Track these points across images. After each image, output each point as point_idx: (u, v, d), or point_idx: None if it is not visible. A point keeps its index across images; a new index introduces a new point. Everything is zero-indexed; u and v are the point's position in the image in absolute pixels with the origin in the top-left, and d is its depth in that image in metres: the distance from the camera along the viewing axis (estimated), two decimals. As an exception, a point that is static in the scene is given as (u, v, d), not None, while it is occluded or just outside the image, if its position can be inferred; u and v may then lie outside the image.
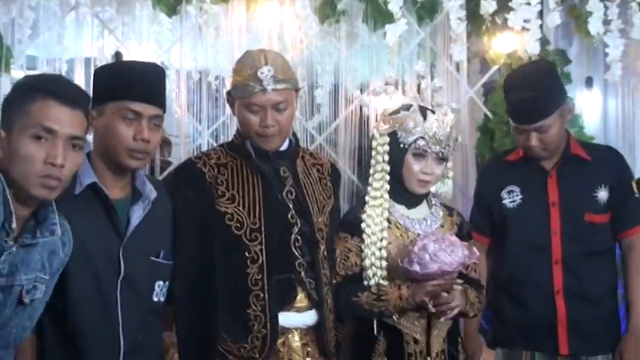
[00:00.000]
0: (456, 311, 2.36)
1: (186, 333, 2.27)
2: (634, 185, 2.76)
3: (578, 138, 3.41)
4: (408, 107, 2.47)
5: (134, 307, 2.12)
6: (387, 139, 2.47)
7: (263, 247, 2.26)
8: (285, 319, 2.29)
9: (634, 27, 3.29)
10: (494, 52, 3.58)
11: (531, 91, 2.62)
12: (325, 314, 2.34)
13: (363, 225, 2.43)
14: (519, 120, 2.64)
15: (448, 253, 2.32)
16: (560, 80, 2.77)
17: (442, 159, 2.47)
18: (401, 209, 2.49)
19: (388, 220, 2.45)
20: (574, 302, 2.68)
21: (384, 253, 2.40)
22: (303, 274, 2.30)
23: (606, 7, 3.27)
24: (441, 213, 2.55)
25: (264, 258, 2.25)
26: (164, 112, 2.20)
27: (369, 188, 2.50)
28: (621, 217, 2.73)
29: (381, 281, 2.39)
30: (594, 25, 3.26)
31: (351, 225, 2.47)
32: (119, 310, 2.09)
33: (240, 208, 2.27)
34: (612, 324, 2.75)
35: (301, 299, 2.31)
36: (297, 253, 2.30)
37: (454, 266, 2.33)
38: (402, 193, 2.48)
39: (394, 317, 2.40)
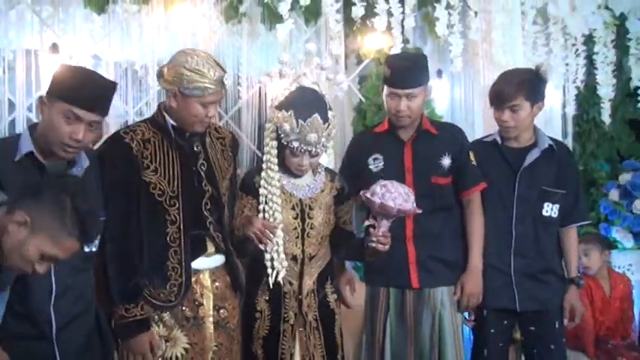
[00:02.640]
0: (384, 248, 2.40)
1: (115, 279, 2.23)
2: (471, 155, 2.83)
3: (430, 117, 3.60)
4: (288, 108, 2.39)
5: None
6: (274, 128, 2.43)
7: (180, 210, 2.28)
8: (198, 263, 2.34)
9: (471, 29, 3.38)
10: (366, 49, 3.68)
11: (411, 62, 2.69)
12: (231, 258, 2.42)
13: (260, 189, 2.43)
14: (397, 84, 2.64)
15: (404, 198, 2.35)
16: (427, 67, 2.84)
17: (316, 155, 2.43)
18: (289, 178, 2.50)
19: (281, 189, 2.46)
20: (421, 246, 2.73)
21: (278, 207, 2.42)
22: (211, 229, 2.35)
23: (450, 14, 3.33)
24: (324, 179, 2.55)
25: (181, 220, 2.28)
26: (105, 116, 2.13)
27: (264, 159, 2.47)
28: (461, 180, 2.78)
29: (279, 232, 2.39)
30: (441, 28, 3.30)
31: (247, 185, 2.49)
32: None
33: (162, 179, 2.28)
34: (453, 263, 2.79)
35: (210, 247, 2.37)
36: (206, 214, 2.34)
37: (405, 208, 2.34)
38: (289, 170, 2.49)
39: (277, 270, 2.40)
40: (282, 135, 2.40)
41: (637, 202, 3.86)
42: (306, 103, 2.39)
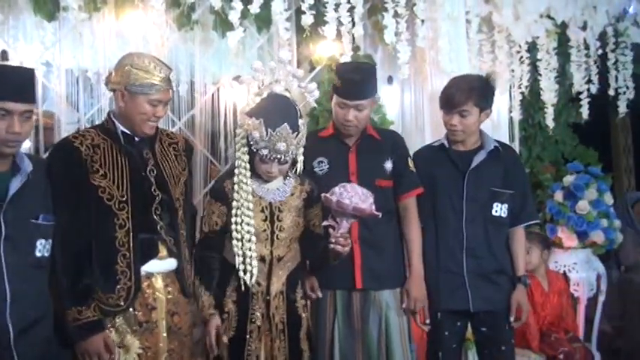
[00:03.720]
0: (344, 250, 2.43)
1: (65, 282, 2.22)
2: (409, 161, 2.90)
3: (381, 122, 3.64)
4: (258, 115, 2.41)
5: (17, 262, 2.09)
6: (245, 134, 2.46)
7: (129, 215, 2.29)
8: (150, 266, 2.35)
9: (418, 37, 3.43)
10: (318, 56, 3.68)
11: (361, 75, 2.75)
12: (183, 263, 2.42)
13: (234, 194, 2.45)
14: (347, 96, 2.70)
15: (361, 199, 2.38)
16: (376, 78, 2.91)
17: (285, 162, 2.46)
18: (260, 182, 2.53)
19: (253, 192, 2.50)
20: (366, 249, 2.76)
21: (250, 213, 2.45)
22: (163, 233, 2.35)
23: (397, 22, 3.34)
24: (293, 182, 2.58)
25: (130, 224, 2.29)
26: (34, 104, 2.15)
27: (236, 165, 2.48)
28: (399, 185, 2.84)
29: (251, 237, 2.42)
30: (389, 36, 3.32)
31: (217, 191, 2.52)
32: (3, 265, 2.07)
33: (111, 183, 2.29)
34: (396, 267, 2.85)
35: (162, 252, 2.37)
36: (157, 219, 2.34)
37: (361, 207, 2.38)
38: (259, 176, 2.52)
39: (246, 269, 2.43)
40: (251, 142, 2.42)
41: (580, 202, 3.94)
42: (277, 111, 2.41)
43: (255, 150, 2.43)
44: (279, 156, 2.41)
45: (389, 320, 2.76)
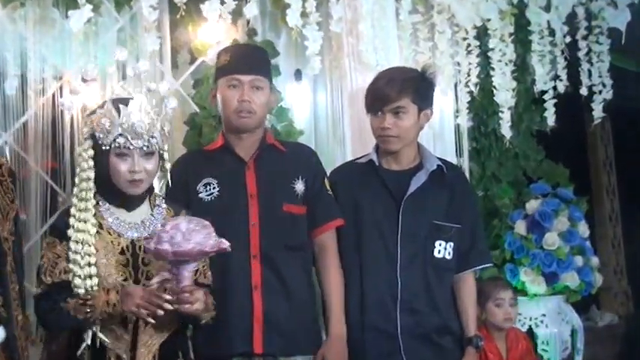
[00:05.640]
0: (194, 308, 2.43)
1: None
2: (325, 182, 2.96)
3: (286, 133, 3.64)
4: (103, 105, 2.55)
5: None
6: (90, 143, 2.52)
7: None
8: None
9: (332, 19, 3.46)
10: (201, 42, 3.71)
11: (252, 49, 2.95)
12: (14, 332, 2.39)
13: (69, 231, 2.49)
14: (238, 69, 2.85)
15: (203, 235, 2.40)
16: (270, 65, 3.00)
17: (150, 153, 2.53)
18: (118, 213, 2.57)
19: (100, 226, 2.53)
20: (272, 298, 2.81)
21: (92, 259, 2.47)
22: None
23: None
24: (164, 213, 2.63)
25: None
26: None
27: (74, 193, 2.54)
28: (313, 215, 2.92)
29: (93, 287, 2.45)
30: (293, 17, 3.35)
31: (60, 229, 2.53)
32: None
33: None
34: (311, 324, 2.92)
35: None
36: None
37: (207, 248, 2.40)
38: (117, 196, 2.56)
39: (98, 333, 2.45)
40: (101, 137, 2.49)
41: (548, 235, 4.05)
42: (125, 97, 2.55)
43: (108, 148, 2.49)
44: (140, 142, 2.48)
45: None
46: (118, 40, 3.65)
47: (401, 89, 2.94)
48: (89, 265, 2.46)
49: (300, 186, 2.92)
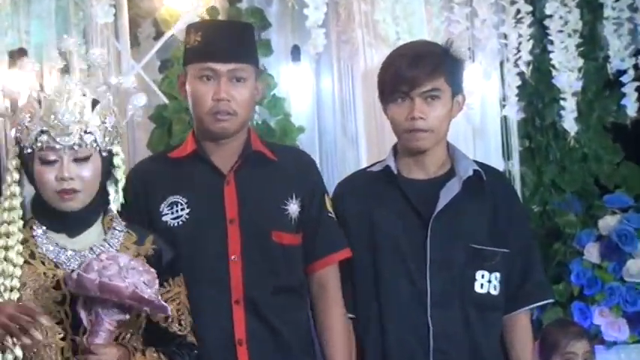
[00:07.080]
0: None
1: None
2: (327, 201, 2.97)
3: (281, 129, 3.66)
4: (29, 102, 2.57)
5: None
6: (17, 150, 2.55)
7: None
8: None
9: None
10: (168, 11, 3.75)
11: (230, 28, 2.99)
12: None
13: None
14: (215, 55, 2.82)
15: (145, 279, 2.40)
16: (256, 47, 2.98)
17: (86, 155, 2.51)
18: (58, 238, 2.58)
19: (32, 255, 2.53)
20: (262, 356, 2.83)
21: (14, 295, 2.47)
22: None
23: None
24: (121, 239, 2.64)
25: None
26: None
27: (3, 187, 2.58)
28: (310, 244, 2.94)
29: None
30: None
31: None
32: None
33: None
34: None
35: None
36: None
37: (145, 295, 2.38)
38: (53, 216, 2.56)
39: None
40: (23, 138, 2.51)
41: (630, 263, 3.99)
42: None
43: (31, 150, 2.50)
44: (68, 139, 2.47)
45: None
46: (58, 9, 3.66)
47: (434, 67, 2.92)
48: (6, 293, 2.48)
49: (294, 207, 2.92)
